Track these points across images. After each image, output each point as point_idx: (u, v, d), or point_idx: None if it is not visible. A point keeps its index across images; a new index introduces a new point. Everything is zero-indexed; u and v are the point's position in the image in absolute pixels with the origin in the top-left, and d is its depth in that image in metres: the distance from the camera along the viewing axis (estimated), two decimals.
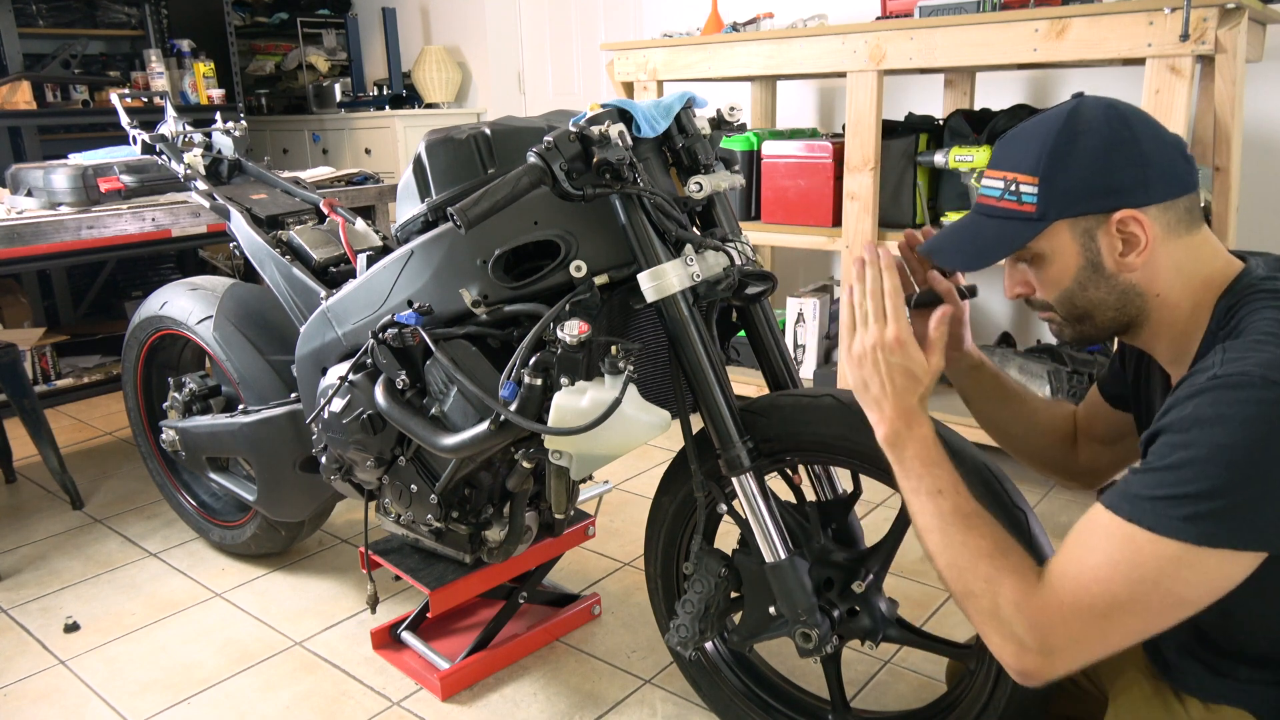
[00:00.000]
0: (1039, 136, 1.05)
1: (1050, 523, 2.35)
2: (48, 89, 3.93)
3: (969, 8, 2.35)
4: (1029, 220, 1.05)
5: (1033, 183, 1.04)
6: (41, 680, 1.86)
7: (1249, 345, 0.93)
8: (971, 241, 1.11)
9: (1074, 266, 1.05)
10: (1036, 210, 1.04)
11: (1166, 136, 1.03)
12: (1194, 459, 0.88)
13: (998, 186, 1.08)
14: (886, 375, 1.11)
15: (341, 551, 2.36)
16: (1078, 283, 1.06)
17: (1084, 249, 1.04)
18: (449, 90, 4.70)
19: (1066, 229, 1.04)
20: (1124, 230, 1.02)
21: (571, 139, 1.20)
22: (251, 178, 2.26)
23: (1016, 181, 1.06)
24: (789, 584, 1.29)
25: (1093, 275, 1.05)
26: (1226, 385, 0.90)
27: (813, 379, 2.95)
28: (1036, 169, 1.04)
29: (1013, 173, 1.07)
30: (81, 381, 3.65)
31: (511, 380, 1.34)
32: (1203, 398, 0.90)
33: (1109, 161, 1.02)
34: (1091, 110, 1.04)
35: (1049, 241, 1.05)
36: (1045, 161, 1.04)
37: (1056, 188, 1.03)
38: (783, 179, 2.82)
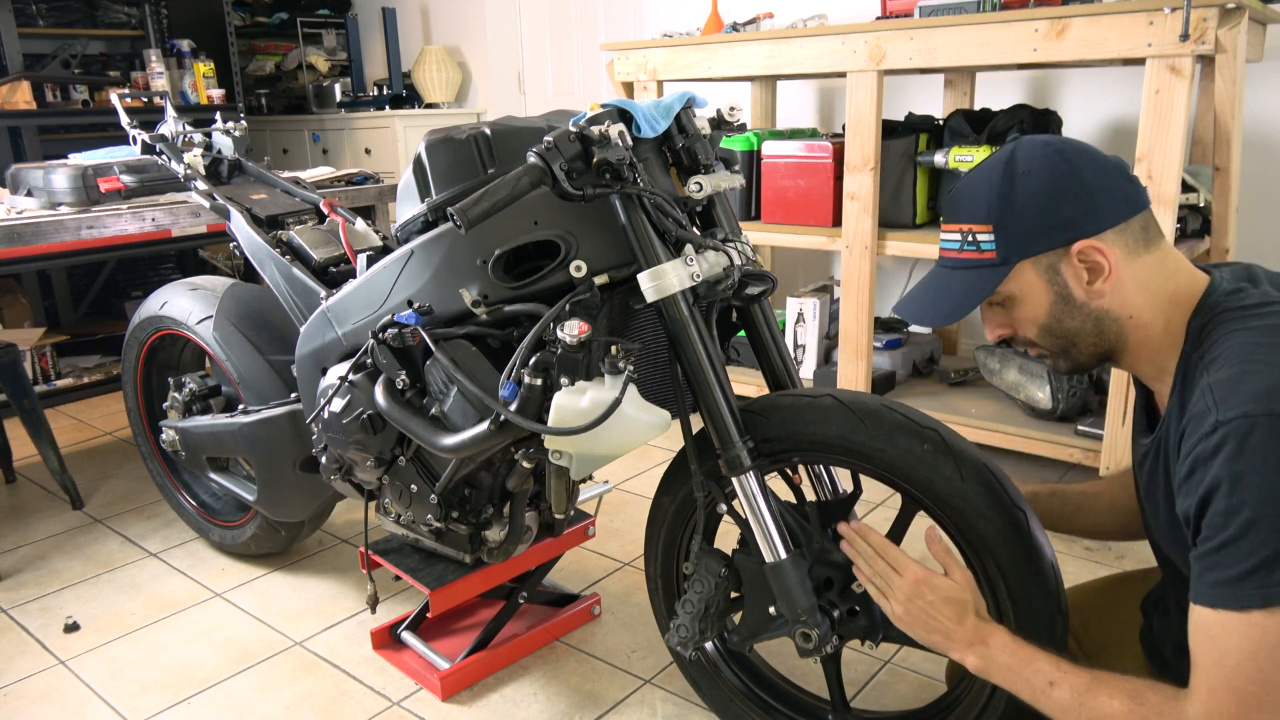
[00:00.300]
0: (984, 185, 1.09)
1: None
2: (48, 89, 3.93)
3: (969, 8, 2.35)
4: (993, 266, 1.08)
5: (988, 230, 1.08)
6: (41, 680, 1.86)
7: (1232, 380, 0.94)
8: (942, 297, 1.14)
9: (1046, 302, 1.08)
10: (998, 255, 1.07)
11: (1106, 162, 1.06)
12: (1254, 520, 0.89)
13: (955, 239, 1.11)
14: (934, 615, 1.16)
15: (341, 551, 2.36)
16: (1053, 317, 1.09)
17: (1051, 284, 1.07)
18: (449, 90, 4.70)
19: (1030, 268, 1.07)
20: (1085, 259, 1.05)
21: (571, 139, 1.20)
22: (251, 178, 2.26)
23: (973, 231, 1.09)
24: (789, 584, 1.29)
25: (1065, 307, 1.08)
26: (1237, 435, 0.90)
27: (813, 379, 2.95)
28: (989, 216, 1.07)
29: (967, 224, 1.10)
30: (81, 381, 3.65)
31: (511, 380, 1.34)
32: (1223, 454, 0.91)
33: (1055, 197, 1.05)
34: (1028, 150, 1.07)
35: (1016, 283, 1.08)
36: (995, 208, 1.07)
37: (1011, 231, 1.06)
38: (783, 179, 2.82)
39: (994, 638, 1.12)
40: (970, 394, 2.82)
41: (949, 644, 1.15)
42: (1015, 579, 1.19)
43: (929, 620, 1.16)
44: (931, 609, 1.16)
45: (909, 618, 1.18)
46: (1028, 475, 2.63)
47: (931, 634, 1.17)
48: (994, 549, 1.20)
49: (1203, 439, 0.93)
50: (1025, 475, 2.64)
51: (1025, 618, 1.20)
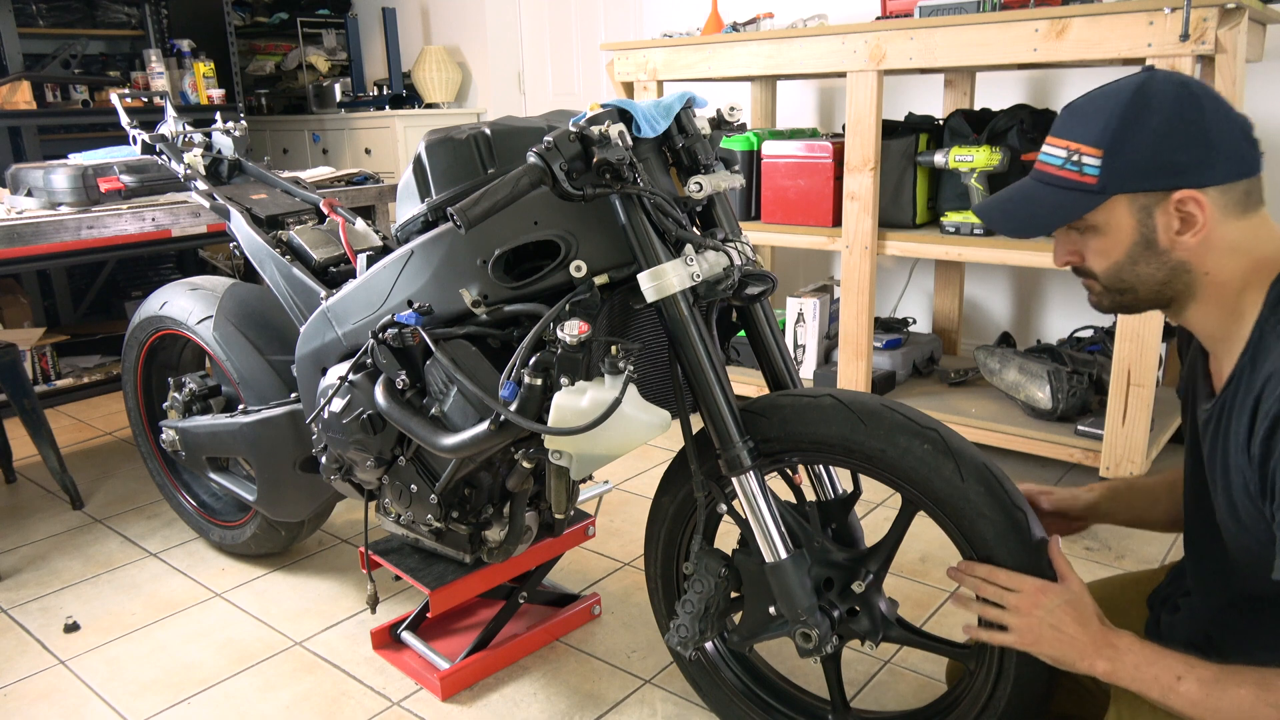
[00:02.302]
0: (1106, 109, 1.04)
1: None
2: (48, 89, 3.92)
3: (969, 8, 2.35)
4: (1089, 192, 1.05)
5: (1096, 155, 1.04)
6: (41, 680, 1.86)
7: None
8: (1026, 209, 1.11)
9: (1127, 241, 1.05)
10: (1098, 183, 1.04)
11: (1234, 118, 1.03)
12: None
13: (1059, 155, 1.08)
14: (1059, 624, 1.13)
15: (341, 551, 2.36)
16: (1129, 257, 1.06)
17: (1140, 224, 1.04)
18: (449, 90, 4.70)
19: (1125, 203, 1.04)
20: (1182, 210, 1.02)
21: (571, 139, 1.20)
22: (251, 178, 2.26)
23: (1080, 153, 1.05)
24: (789, 584, 1.29)
25: (1144, 251, 1.05)
26: None
27: (813, 379, 2.95)
28: (1101, 142, 1.04)
29: (1076, 143, 1.06)
30: (81, 381, 3.65)
31: (511, 380, 1.34)
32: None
33: (1174, 140, 1.01)
34: (1162, 86, 1.03)
35: (1105, 215, 1.05)
36: (1111, 135, 1.03)
37: (1120, 162, 1.03)
38: (783, 179, 2.82)
39: (1121, 639, 1.10)
40: (970, 394, 2.82)
41: (1077, 651, 1.12)
42: None
43: (1055, 632, 1.13)
44: (1053, 617, 1.13)
45: (1033, 633, 1.14)
46: (1028, 475, 2.64)
47: (1059, 645, 1.13)
48: (994, 549, 1.20)
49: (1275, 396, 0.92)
50: (1025, 475, 2.64)
51: None
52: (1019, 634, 1.16)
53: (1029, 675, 1.23)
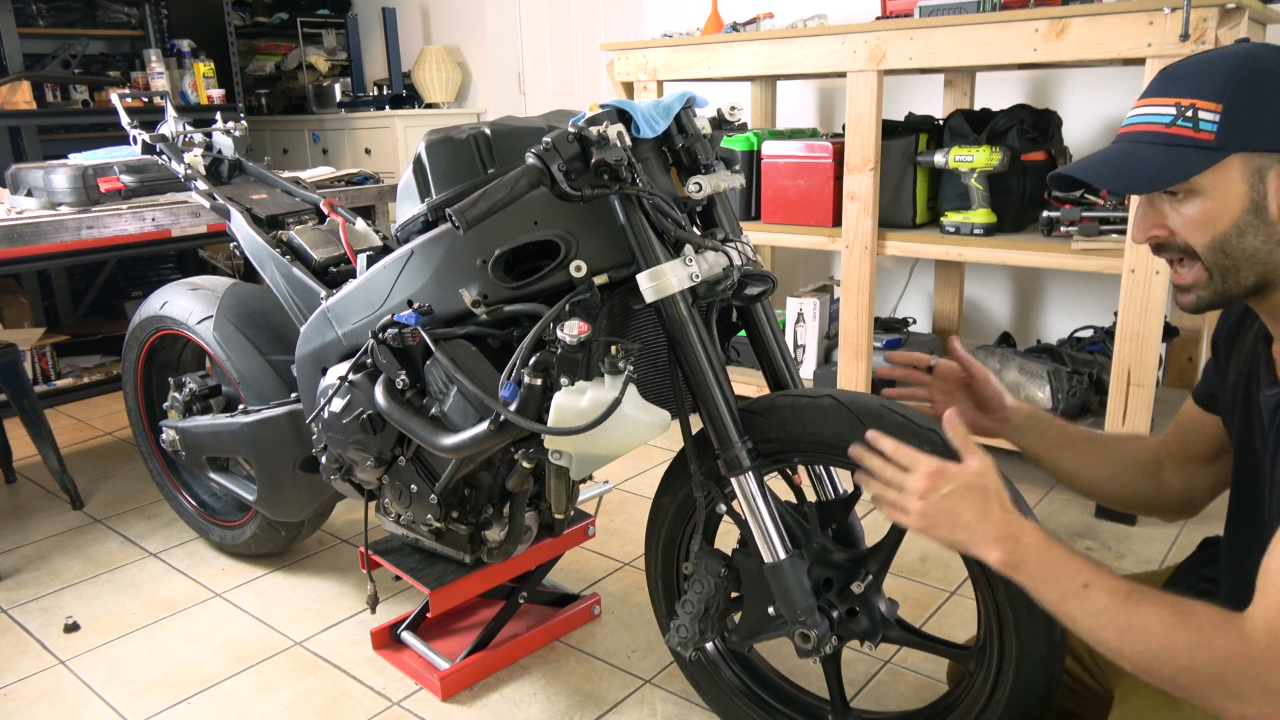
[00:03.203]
0: (1221, 68, 0.99)
1: (1050, 523, 2.36)
2: (48, 89, 3.93)
3: (969, 8, 2.35)
4: (1205, 149, 0.97)
5: (1215, 109, 0.97)
6: (41, 680, 1.86)
7: None
8: (1132, 167, 1.01)
9: (1237, 208, 0.97)
10: (1216, 139, 0.96)
11: None
12: None
13: (1168, 113, 1.00)
14: (954, 509, 1.06)
15: (341, 551, 2.36)
16: (1236, 227, 0.98)
17: (1252, 189, 0.97)
18: (449, 90, 4.70)
19: (1239, 165, 0.96)
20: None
21: (570, 140, 1.20)
22: (251, 178, 2.26)
23: (1195, 107, 0.98)
24: (788, 584, 1.29)
25: (1254, 220, 0.98)
26: None
27: (813, 379, 2.95)
28: (1221, 96, 0.97)
29: (1190, 98, 0.99)
30: (81, 381, 3.65)
31: (511, 380, 1.34)
32: None
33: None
34: (1270, 50, 0.99)
35: (1217, 177, 0.97)
36: (1232, 89, 0.97)
37: (1242, 117, 0.96)
38: (783, 179, 2.82)
39: (1025, 533, 1.03)
40: None
41: (972, 539, 1.05)
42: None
43: (949, 516, 1.05)
44: (949, 501, 1.05)
45: (926, 519, 1.07)
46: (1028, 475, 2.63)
47: (954, 531, 1.06)
48: None
49: None
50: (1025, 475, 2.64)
51: (1024, 620, 1.20)
52: (912, 518, 1.10)
53: (1029, 676, 1.23)
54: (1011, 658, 1.23)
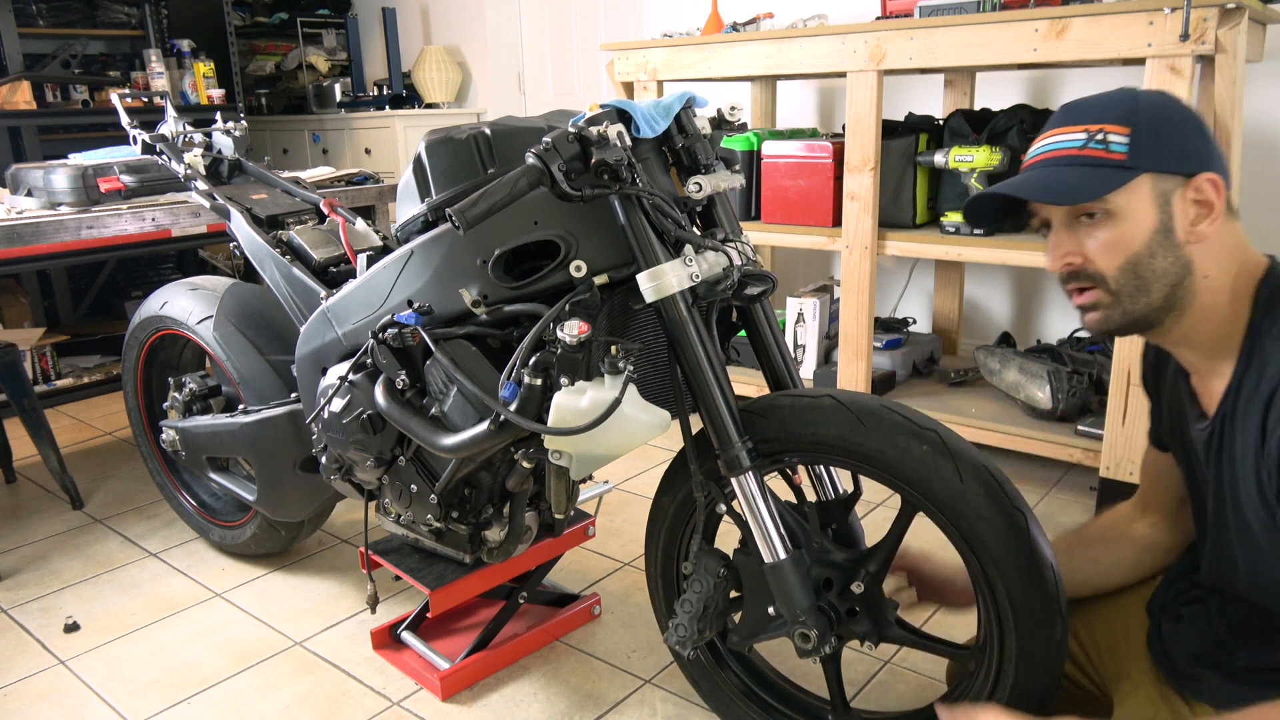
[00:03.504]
0: (1122, 100, 1.04)
1: (1050, 523, 2.35)
2: (48, 89, 3.93)
3: (969, 8, 2.35)
4: (1119, 168, 1.01)
5: (1124, 132, 1.02)
6: (41, 680, 1.86)
7: None
8: (1057, 183, 1.05)
9: (1148, 228, 1.01)
10: (1128, 159, 1.01)
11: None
12: None
13: (1079, 138, 1.04)
14: None
15: (341, 551, 2.36)
16: (1148, 248, 1.02)
17: (1160, 210, 1.01)
18: (449, 90, 4.70)
19: (1148, 186, 1.01)
20: (1200, 195, 1.01)
21: (570, 140, 1.20)
22: (251, 178, 2.26)
23: (1104, 131, 1.03)
24: (788, 584, 1.29)
25: (1163, 241, 1.01)
26: None
27: (813, 379, 2.95)
28: (1128, 120, 1.02)
29: (1099, 124, 1.03)
30: (81, 381, 3.65)
31: (511, 380, 1.34)
32: None
33: (1188, 128, 1.02)
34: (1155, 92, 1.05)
35: (1129, 197, 1.01)
36: (1136, 114, 1.02)
37: (1147, 139, 1.01)
38: (783, 179, 2.82)
39: None
40: (970, 394, 2.82)
41: None
42: (1015, 581, 1.19)
43: None
44: None
45: None
46: (1028, 475, 2.64)
47: None
48: (994, 550, 1.19)
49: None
50: (1025, 475, 2.64)
51: (1025, 620, 1.20)
52: None
53: (1029, 676, 1.23)
54: (1012, 658, 1.23)
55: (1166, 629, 1.23)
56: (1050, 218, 1.08)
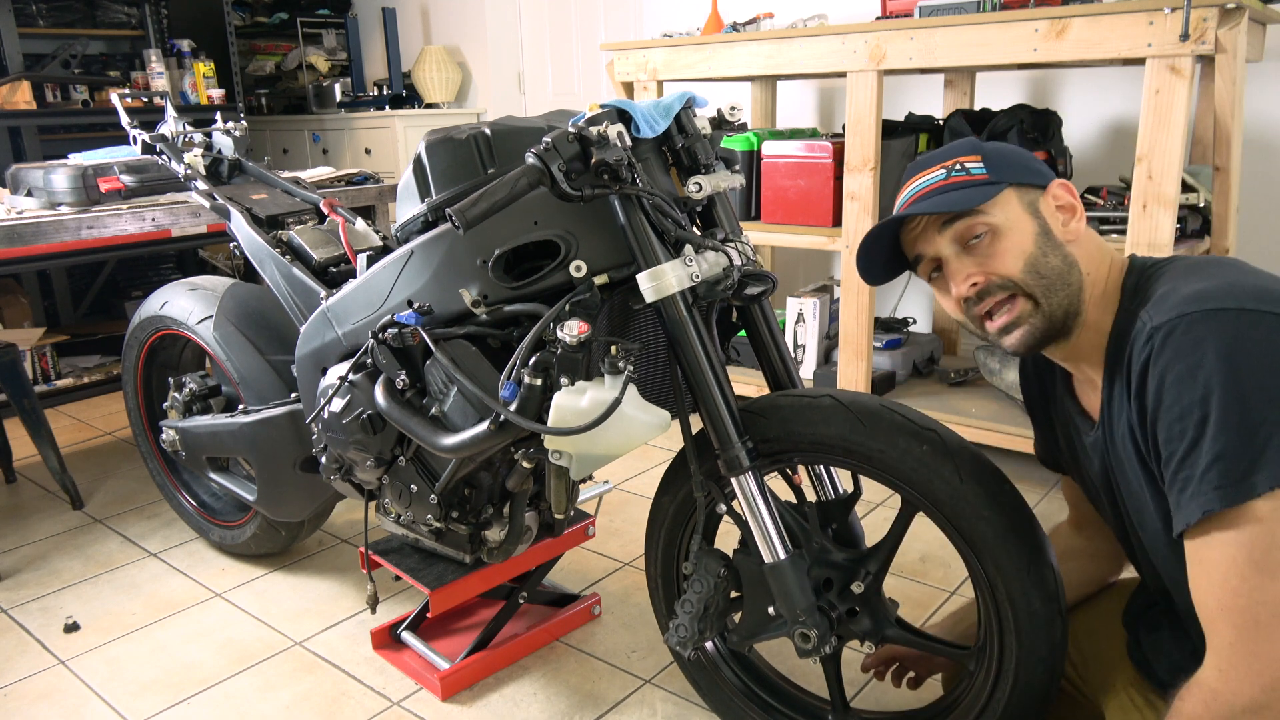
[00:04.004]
0: (960, 141, 1.15)
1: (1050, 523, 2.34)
2: (48, 89, 3.93)
3: (969, 8, 2.35)
4: (985, 184, 1.09)
5: (977, 160, 1.11)
6: (41, 680, 1.86)
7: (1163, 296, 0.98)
8: (941, 202, 1.11)
9: (1032, 231, 1.09)
10: (989, 177, 1.10)
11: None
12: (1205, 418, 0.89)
13: (940, 174, 1.12)
14: None
15: (341, 551, 2.36)
16: (1039, 248, 1.09)
17: (1034, 216, 1.10)
18: (449, 90, 4.70)
19: (1015, 197, 1.10)
20: (1059, 200, 1.11)
21: (570, 140, 1.20)
22: (251, 178, 2.26)
23: (960, 162, 1.11)
24: (788, 585, 1.29)
25: (1048, 241, 1.09)
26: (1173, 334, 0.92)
27: (813, 379, 2.95)
28: (976, 150, 1.12)
29: (952, 159, 1.12)
30: (81, 381, 3.65)
31: (511, 380, 1.34)
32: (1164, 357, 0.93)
33: (1024, 155, 1.14)
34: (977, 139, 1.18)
35: (1004, 209, 1.09)
36: (980, 147, 1.12)
37: (998, 161, 1.11)
38: (783, 179, 2.82)
39: None
40: (970, 394, 2.82)
41: None
42: (1015, 581, 1.19)
43: None
44: None
45: None
46: (1028, 475, 2.63)
47: None
48: (994, 550, 1.20)
49: (1142, 348, 0.96)
50: (1025, 475, 2.64)
51: (1025, 620, 1.20)
52: None
53: (1029, 676, 1.23)
54: (1012, 658, 1.23)
55: (1145, 639, 1.24)
56: (940, 254, 1.13)
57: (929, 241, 1.14)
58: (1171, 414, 0.92)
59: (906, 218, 1.15)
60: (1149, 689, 1.21)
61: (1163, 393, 0.92)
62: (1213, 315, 0.90)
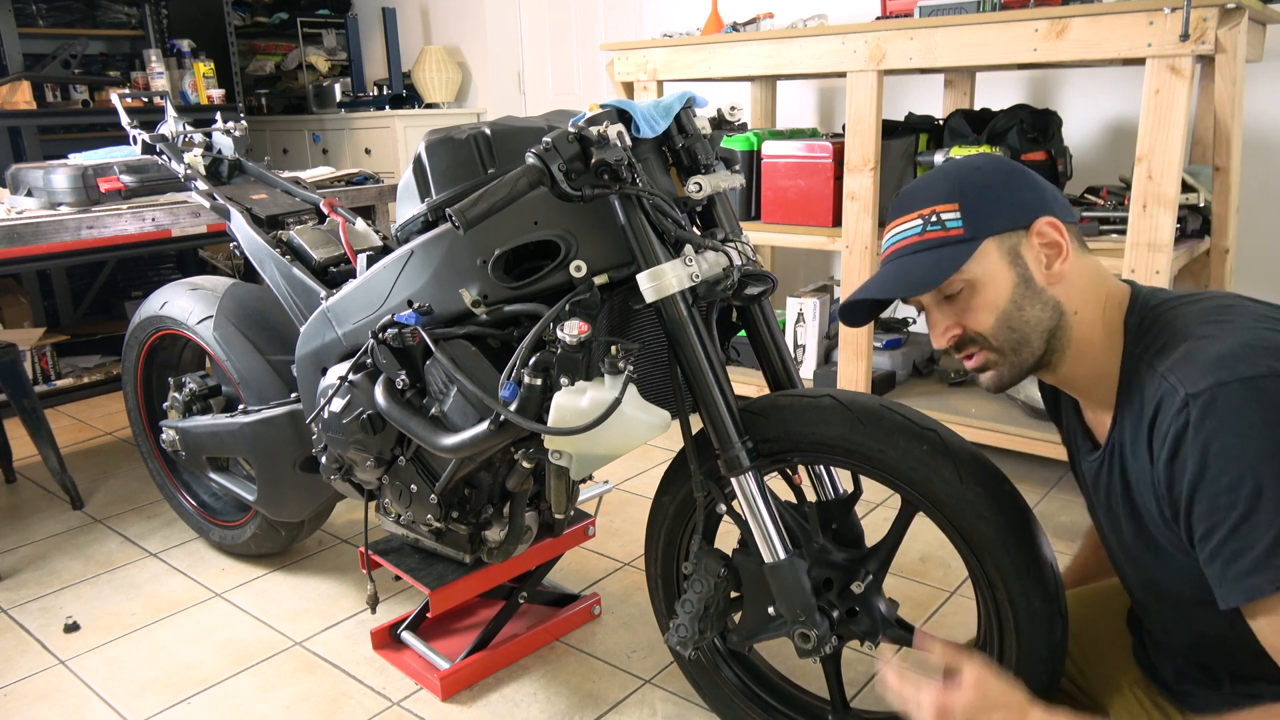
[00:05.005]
0: (940, 178, 1.10)
1: (1050, 523, 2.36)
2: (48, 89, 3.93)
3: (969, 8, 2.35)
4: (961, 242, 1.07)
5: (953, 209, 1.08)
6: (41, 680, 1.86)
7: (1188, 355, 0.96)
8: (907, 274, 1.10)
9: (1008, 285, 1.07)
10: (965, 232, 1.07)
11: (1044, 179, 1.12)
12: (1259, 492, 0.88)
13: (916, 225, 1.10)
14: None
15: (341, 551, 2.36)
16: (1014, 303, 1.07)
17: (1014, 265, 1.07)
18: (449, 90, 4.70)
19: (994, 249, 1.07)
20: (1044, 238, 1.07)
21: (570, 140, 1.20)
22: (251, 178, 2.26)
23: (936, 212, 1.09)
24: (788, 584, 1.29)
25: (1026, 292, 1.07)
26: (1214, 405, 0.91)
27: (813, 379, 2.95)
28: (953, 196, 1.08)
29: (929, 207, 1.09)
30: (81, 381, 3.65)
31: (511, 380, 1.34)
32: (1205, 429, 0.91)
33: (1012, 183, 1.08)
34: (971, 157, 1.12)
35: (981, 264, 1.07)
36: (958, 189, 1.08)
37: (976, 207, 1.07)
38: (783, 179, 2.82)
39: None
40: (970, 394, 2.82)
41: None
42: (1015, 580, 1.19)
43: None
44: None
45: None
46: (1028, 475, 2.64)
47: None
48: (993, 550, 1.20)
49: (1176, 416, 0.94)
50: (1025, 475, 2.64)
51: (1025, 620, 1.20)
52: None
53: (1029, 676, 1.23)
54: (1012, 658, 1.23)
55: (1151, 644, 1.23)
56: (920, 302, 1.13)
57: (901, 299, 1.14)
58: (1218, 485, 0.91)
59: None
60: (1155, 691, 1.21)
61: (1206, 464, 0.91)
62: (1250, 384, 0.90)
